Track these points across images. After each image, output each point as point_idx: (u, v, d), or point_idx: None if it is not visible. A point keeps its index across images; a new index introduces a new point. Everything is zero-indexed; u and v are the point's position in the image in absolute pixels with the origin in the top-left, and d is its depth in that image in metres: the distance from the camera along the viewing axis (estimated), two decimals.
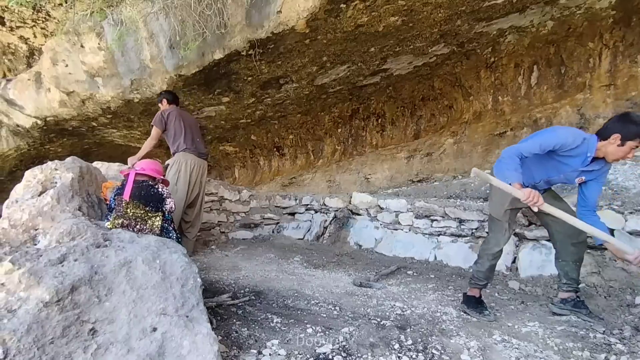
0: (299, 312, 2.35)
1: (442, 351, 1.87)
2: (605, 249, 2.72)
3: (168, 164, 3.91)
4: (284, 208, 5.21)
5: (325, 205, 4.95)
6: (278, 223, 5.15)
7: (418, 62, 5.65)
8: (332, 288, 2.94)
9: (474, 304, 2.47)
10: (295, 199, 5.21)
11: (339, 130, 7.52)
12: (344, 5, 3.96)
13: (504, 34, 5.14)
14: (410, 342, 1.94)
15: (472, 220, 3.62)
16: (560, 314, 2.44)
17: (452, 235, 3.76)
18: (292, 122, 7.52)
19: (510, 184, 2.07)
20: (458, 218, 3.72)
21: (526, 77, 5.53)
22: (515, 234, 3.45)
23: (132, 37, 4.87)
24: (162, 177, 2.55)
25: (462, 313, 2.44)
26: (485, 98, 6.01)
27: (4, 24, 6.27)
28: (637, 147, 2.01)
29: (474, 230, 3.62)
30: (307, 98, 6.40)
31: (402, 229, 4.17)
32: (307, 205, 5.11)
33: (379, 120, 7.10)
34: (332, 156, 7.68)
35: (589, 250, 2.95)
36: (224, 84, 5.48)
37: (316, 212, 5.04)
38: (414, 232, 4.05)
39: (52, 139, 7.24)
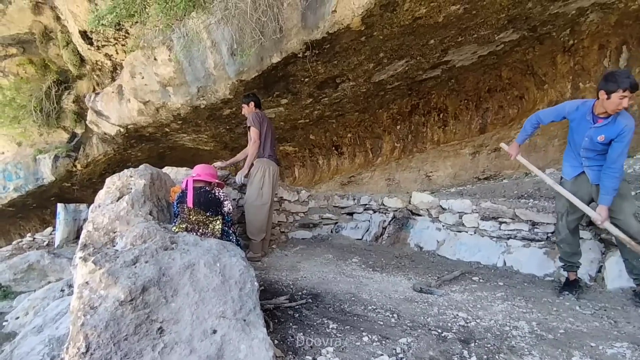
0: (355, 318, 2.31)
1: None
2: None
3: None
4: (342, 208, 5.19)
5: (383, 205, 4.83)
6: (336, 223, 5.15)
7: (483, 52, 5.26)
8: (391, 293, 2.86)
9: None
10: (354, 199, 5.16)
11: (398, 127, 7.31)
12: None
13: (585, 12, 4.58)
14: (474, 359, 1.81)
15: (548, 224, 3.27)
16: None
17: (523, 239, 3.44)
18: (350, 121, 7.47)
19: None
20: (530, 220, 3.39)
21: (613, 59, 4.87)
22: (601, 240, 3.07)
23: (197, 47, 5.18)
24: (217, 180, 2.67)
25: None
26: (562, 86, 5.42)
27: (92, 44, 7.05)
28: (624, 96, 2.34)
29: (549, 235, 3.27)
30: (364, 96, 6.31)
31: (466, 231, 3.92)
32: (366, 205, 5.03)
33: (441, 115, 6.76)
34: (391, 154, 7.49)
35: None
36: (282, 86, 5.61)
37: (374, 212, 4.95)
38: (480, 234, 3.79)
39: (133, 144, 8.01)
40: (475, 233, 3.84)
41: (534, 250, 3.34)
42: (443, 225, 4.17)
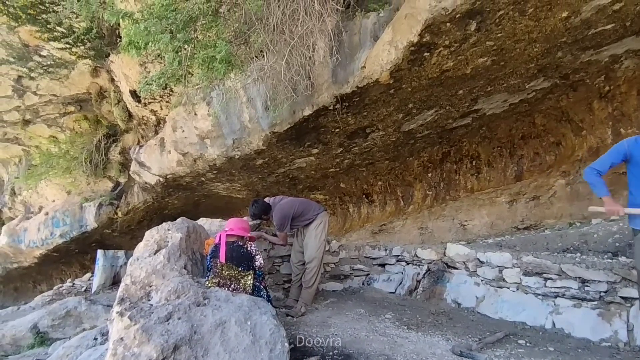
0: None
1: None
2: None
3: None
4: (374, 259, 5.05)
5: (417, 256, 4.67)
6: (368, 274, 5.00)
7: (514, 100, 5.24)
8: (428, 356, 2.68)
9: None
10: (385, 250, 5.03)
11: (429, 174, 7.23)
12: (428, 54, 3.94)
13: (619, 59, 4.52)
14: None
15: (599, 282, 3.01)
16: None
17: (573, 298, 3.17)
18: (380, 169, 7.49)
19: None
20: (580, 277, 3.14)
21: None
22: None
23: (234, 103, 5.53)
24: (249, 234, 2.70)
25: None
26: (602, 132, 5.23)
27: (140, 102, 7.70)
28: None
29: (602, 294, 3.00)
30: (394, 144, 6.36)
31: (508, 287, 3.67)
32: (398, 256, 4.88)
33: (474, 162, 6.64)
34: (422, 202, 7.36)
35: None
36: (313, 137, 5.78)
37: (407, 263, 4.78)
38: (523, 291, 3.53)
39: (170, 193, 8.38)
40: (517, 289, 3.60)
41: (587, 311, 3.06)
42: (482, 280, 3.94)
